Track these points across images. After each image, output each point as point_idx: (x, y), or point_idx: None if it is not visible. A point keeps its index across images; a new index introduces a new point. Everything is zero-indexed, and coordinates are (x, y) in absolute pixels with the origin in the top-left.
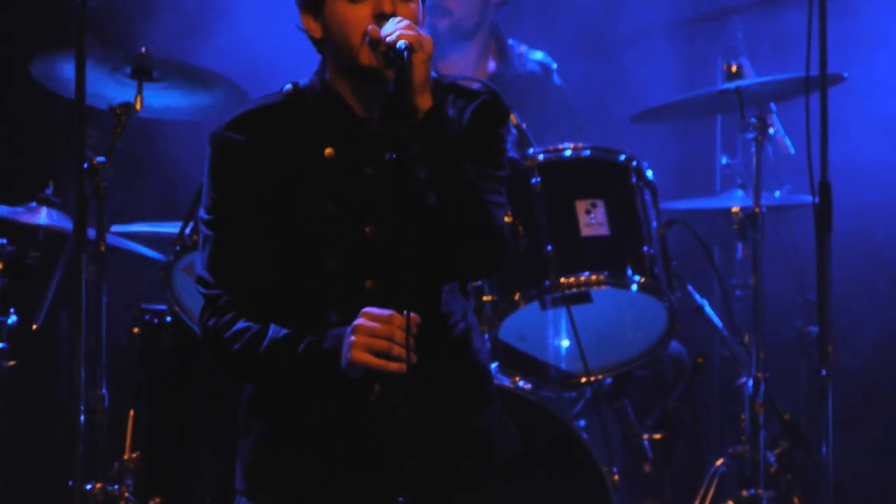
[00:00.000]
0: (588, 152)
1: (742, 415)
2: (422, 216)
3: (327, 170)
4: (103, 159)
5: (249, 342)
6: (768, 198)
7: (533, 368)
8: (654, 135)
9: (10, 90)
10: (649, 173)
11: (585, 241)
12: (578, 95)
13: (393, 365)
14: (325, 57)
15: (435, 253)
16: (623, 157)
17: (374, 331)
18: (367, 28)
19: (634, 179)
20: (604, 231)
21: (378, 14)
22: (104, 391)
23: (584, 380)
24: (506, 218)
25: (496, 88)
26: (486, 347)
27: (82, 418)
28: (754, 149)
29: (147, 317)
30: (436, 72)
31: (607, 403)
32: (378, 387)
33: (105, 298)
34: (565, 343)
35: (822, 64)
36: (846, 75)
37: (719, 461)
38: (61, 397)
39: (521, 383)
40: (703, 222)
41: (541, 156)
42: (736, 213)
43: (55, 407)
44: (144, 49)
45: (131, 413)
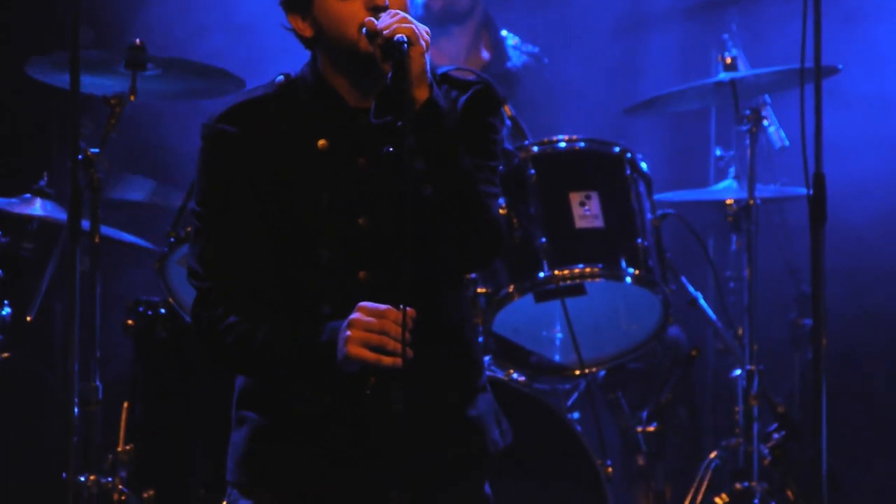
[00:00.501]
0: (582, 144)
1: (736, 407)
2: (418, 208)
3: (320, 161)
4: (97, 150)
5: (244, 335)
6: (762, 190)
7: (527, 361)
8: (649, 127)
9: (4, 81)
10: (643, 165)
11: (580, 234)
12: (572, 87)
13: (388, 360)
14: (317, 54)
15: (430, 245)
16: (617, 149)
17: (370, 325)
18: (365, 21)
19: (629, 171)
20: (598, 223)
21: (373, 7)
22: (98, 383)
23: (579, 372)
24: (500, 210)
25: (489, 78)
26: (479, 339)
27: (76, 410)
28: (748, 141)
29: (141, 308)
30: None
31: (601, 396)
32: (373, 380)
33: (99, 290)
34: (559, 335)
35: (817, 55)
36: (841, 67)
37: (713, 454)
38: (55, 389)
39: (515, 375)
40: (698, 214)
41: (535, 148)
42: (730, 205)
43: (49, 399)
44: (139, 41)
45: (125, 405)
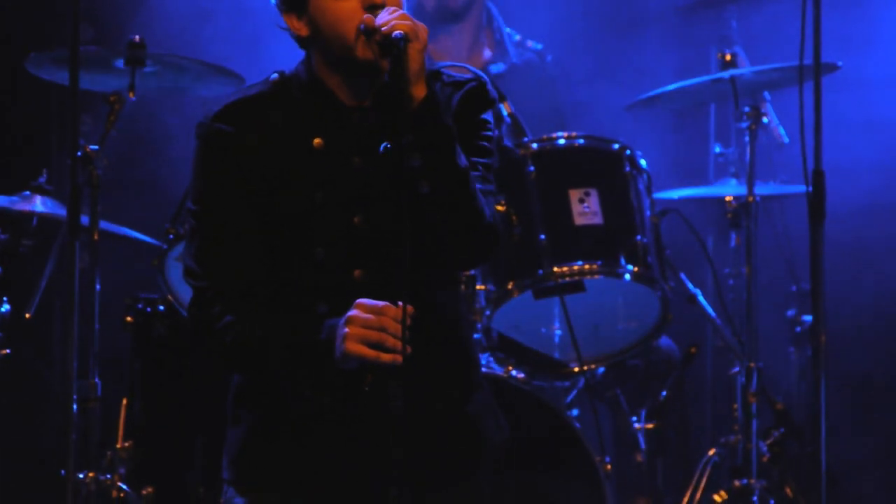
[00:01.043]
0: (582, 141)
1: (734, 404)
2: (414, 205)
3: (316, 160)
4: (97, 147)
5: (242, 333)
6: (762, 187)
7: (526, 357)
8: (648, 123)
9: (3, 78)
10: (643, 162)
11: (579, 230)
12: (572, 84)
13: (386, 356)
14: (312, 52)
15: (426, 242)
16: (617, 146)
17: (368, 322)
18: (363, 18)
19: (628, 168)
20: (597, 220)
21: (370, 5)
22: (97, 380)
23: (577, 369)
24: (499, 207)
25: (484, 76)
26: (475, 336)
27: (75, 407)
28: (748, 138)
29: (140, 305)
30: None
31: (600, 393)
32: (370, 377)
33: (98, 287)
34: (558, 332)
35: (816, 53)
36: (840, 64)
37: (711, 451)
38: (54, 386)
39: (515, 373)
40: (697, 211)
41: (534, 144)
42: (729, 202)
43: (48, 395)
44: (138, 37)
45: (124, 402)
